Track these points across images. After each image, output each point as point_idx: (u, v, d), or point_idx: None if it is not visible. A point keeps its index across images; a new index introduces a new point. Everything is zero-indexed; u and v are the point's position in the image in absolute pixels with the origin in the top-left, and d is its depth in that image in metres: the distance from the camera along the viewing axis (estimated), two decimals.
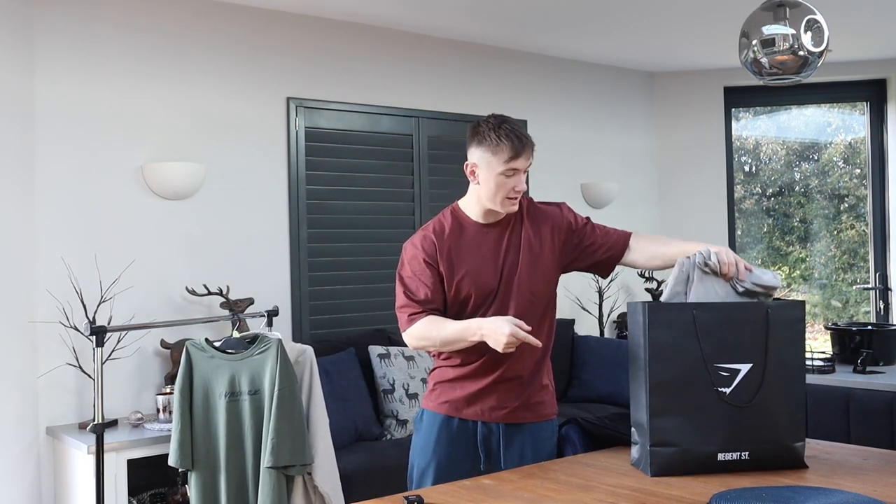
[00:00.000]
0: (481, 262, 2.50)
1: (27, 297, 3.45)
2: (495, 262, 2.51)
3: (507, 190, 2.48)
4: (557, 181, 5.34)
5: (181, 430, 2.82)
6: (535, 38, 4.93)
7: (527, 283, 2.49)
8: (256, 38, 4.16)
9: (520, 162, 2.47)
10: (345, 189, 4.40)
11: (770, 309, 2.08)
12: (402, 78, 4.66)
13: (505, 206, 2.50)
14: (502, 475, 2.12)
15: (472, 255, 2.51)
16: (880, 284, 5.73)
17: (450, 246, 2.52)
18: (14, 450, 3.33)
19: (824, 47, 2.79)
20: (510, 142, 2.46)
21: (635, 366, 2.12)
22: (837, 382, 3.88)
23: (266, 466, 2.79)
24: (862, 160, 5.94)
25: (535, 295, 2.50)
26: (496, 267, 2.50)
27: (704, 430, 2.03)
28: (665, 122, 5.93)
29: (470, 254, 2.51)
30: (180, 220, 3.91)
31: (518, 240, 2.53)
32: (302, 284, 4.24)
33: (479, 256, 2.51)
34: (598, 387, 4.71)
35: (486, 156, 2.48)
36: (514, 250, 2.52)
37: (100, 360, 2.94)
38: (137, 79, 3.81)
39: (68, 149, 3.62)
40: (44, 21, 3.58)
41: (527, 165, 2.50)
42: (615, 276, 5.50)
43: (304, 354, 3.03)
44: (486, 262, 2.50)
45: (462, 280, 2.48)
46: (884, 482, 1.94)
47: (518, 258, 2.50)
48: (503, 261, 2.51)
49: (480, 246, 2.53)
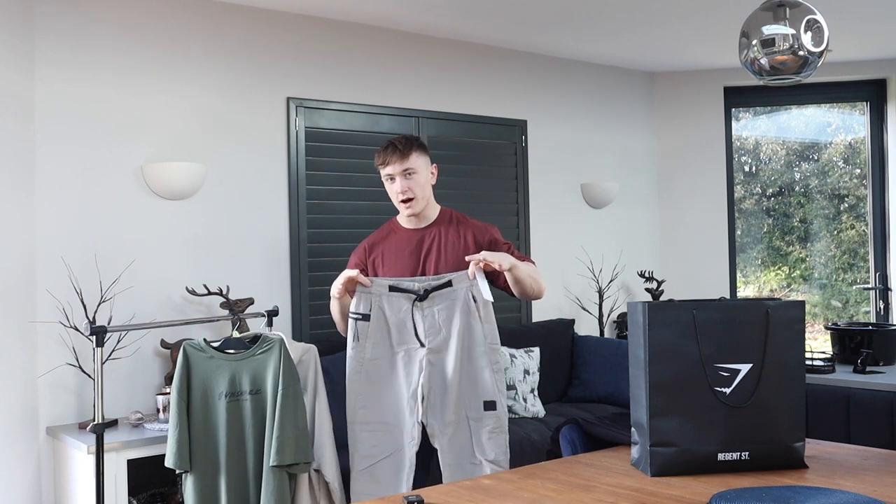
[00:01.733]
0: (401, 263, 2.92)
1: (27, 297, 3.45)
2: (416, 260, 2.92)
3: (394, 193, 2.95)
4: (557, 181, 5.35)
5: (179, 431, 2.81)
6: (535, 38, 4.93)
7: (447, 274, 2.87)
8: (256, 38, 4.16)
9: (389, 168, 2.92)
10: (345, 189, 4.40)
11: (770, 309, 2.08)
12: (402, 78, 4.66)
13: (401, 208, 2.97)
14: (502, 475, 2.12)
15: (395, 256, 2.94)
16: (880, 284, 5.73)
17: (379, 251, 2.98)
18: (14, 450, 3.33)
19: (824, 47, 2.79)
20: (381, 151, 2.94)
21: (635, 366, 2.12)
22: (837, 382, 3.88)
23: (271, 465, 2.79)
24: (862, 160, 5.94)
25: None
26: (416, 264, 2.92)
27: (704, 430, 2.03)
28: (665, 122, 5.93)
29: (393, 256, 2.95)
30: (180, 220, 3.91)
31: (440, 240, 2.94)
32: (302, 284, 4.24)
33: (401, 257, 2.93)
34: (598, 387, 4.71)
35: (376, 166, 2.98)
36: (435, 248, 2.93)
37: (100, 360, 2.94)
38: (137, 78, 3.81)
39: (68, 148, 3.63)
40: (44, 21, 3.58)
41: (400, 170, 2.91)
42: (615, 276, 5.51)
43: (308, 353, 3.05)
44: (405, 261, 2.93)
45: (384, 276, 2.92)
46: (884, 482, 1.94)
47: (439, 255, 2.91)
48: (424, 257, 2.93)
49: (403, 249, 2.96)
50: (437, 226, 2.98)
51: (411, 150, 2.92)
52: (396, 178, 2.92)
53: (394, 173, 2.92)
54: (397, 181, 2.92)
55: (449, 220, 3.00)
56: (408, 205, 2.93)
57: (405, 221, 3.01)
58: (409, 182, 2.91)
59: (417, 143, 2.96)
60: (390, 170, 2.92)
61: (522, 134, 5.16)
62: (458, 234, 2.95)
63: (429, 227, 2.98)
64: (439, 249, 2.92)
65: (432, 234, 2.96)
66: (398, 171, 2.91)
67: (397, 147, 2.91)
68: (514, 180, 5.10)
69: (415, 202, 2.92)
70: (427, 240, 2.95)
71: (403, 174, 2.91)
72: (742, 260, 6.11)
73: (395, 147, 2.91)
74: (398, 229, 3.02)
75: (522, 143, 5.16)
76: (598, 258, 5.49)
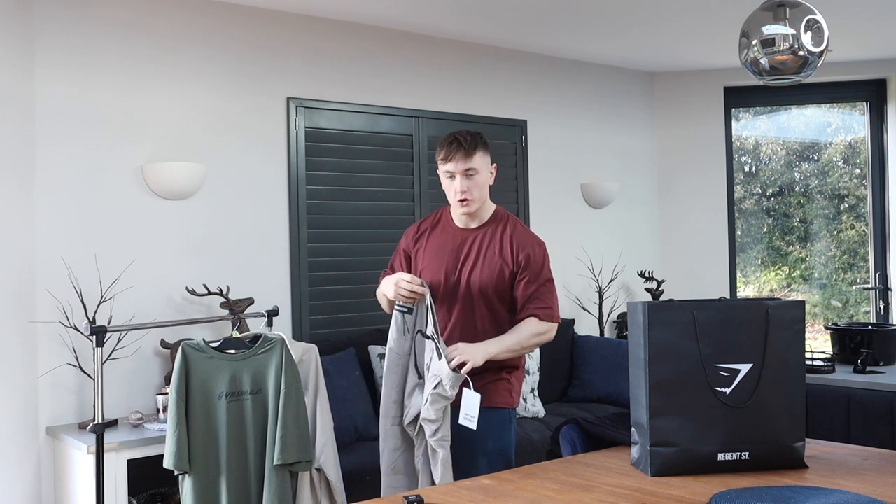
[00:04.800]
0: (440, 261, 2.79)
1: (27, 297, 3.45)
2: (454, 261, 2.79)
3: (451, 192, 2.78)
4: (557, 181, 5.35)
5: (178, 432, 2.79)
6: (535, 38, 4.93)
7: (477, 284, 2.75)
8: (256, 38, 4.16)
9: (451, 165, 2.75)
10: (345, 189, 4.40)
11: (770, 309, 2.08)
12: (402, 78, 4.66)
13: (456, 206, 2.81)
14: (502, 475, 2.12)
15: (436, 252, 2.81)
16: (880, 284, 5.73)
17: (424, 241, 2.86)
18: (14, 450, 3.32)
19: (824, 47, 2.79)
20: (445, 145, 2.77)
21: (635, 366, 2.13)
22: (837, 382, 3.88)
23: (275, 464, 2.79)
24: (862, 160, 5.94)
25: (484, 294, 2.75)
26: (454, 266, 2.78)
27: (704, 430, 2.03)
28: (665, 122, 5.93)
29: (434, 251, 2.82)
30: (180, 220, 3.91)
31: (481, 248, 2.78)
32: (302, 284, 4.24)
33: (442, 255, 2.80)
34: (598, 387, 4.71)
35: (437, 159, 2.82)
36: (473, 256, 2.78)
37: (100, 360, 2.94)
38: (137, 78, 3.81)
39: (68, 148, 3.62)
40: (44, 21, 3.58)
41: (463, 169, 2.73)
42: (615, 276, 5.51)
43: (308, 353, 3.06)
44: (444, 261, 2.79)
45: (422, 272, 2.82)
46: (884, 482, 1.94)
47: (475, 265, 2.76)
48: (461, 262, 2.78)
49: (445, 246, 2.82)
50: (486, 229, 2.82)
51: (476, 149, 2.74)
52: (457, 177, 2.75)
53: (455, 171, 2.74)
54: (457, 179, 2.75)
55: (499, 225, 2.82)
56: (464, 204, 2.76)
57: (457, 218, 2.86)
58: (469, 182, 2.74)
59: (482, 141, 2.79)
60: (451, 167, 2.74)
61: (522, 134, 5.16)
62: (500, 244, 2.78)
63: (477, 230, 2.83)
64: (477, 258, 2.78)
65: (477, 239, 2.80)
66: (460, 169, 2.73)
67: (462, 144, 2.73)
68: (514, 180, 5.10)
69: (471, 203, 2.76)
70: (469, 243, 2.80)
71: (465, 173, 2.73)
72: (742, 260, 6.11)
73: (460, 144, 2.73)
74: (448, 224, 2.87)
75: (522, 143, 5.16)
76: (598, 258, 5.49)
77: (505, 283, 2.75)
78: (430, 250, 2.83)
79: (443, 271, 2.77)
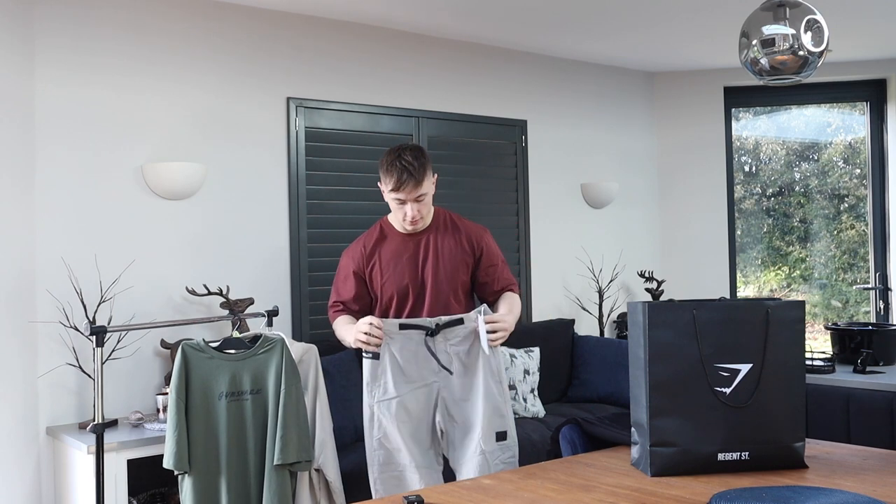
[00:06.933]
0: (401, 269, 2.88)
1: (27, 297, 3.45)
2: (414, 266, 2.89)
3: (401, 214, 2.85)
4: (557, 181, 5.35)
5: (178, 432, 2.80)
6: (534, 38, 4.93)
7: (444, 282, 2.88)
8: (256, 38, 4.16)
9: (401, 195, 2.80)
10: (345, 189, 4.40)
11: (770, 309, 2.08)
12: (402, 78, 4.66)
13: (405, 227, 2.90)
14: (502, 475, 2.12)
15: (394, 263, 2.90)
16: (880, 284, 5.73)
17: (377, 257, 2.92)
18: (14, 450, 3.32)
19: (824, 47, 2.79)
20: (394, 174, 2.79)
21: (635, 366, 2.12)
22: (837, 382, 3.88)
23: (275, 464, 2.79)
24: (862, 160, 5.94)
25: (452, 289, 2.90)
26: (415, 271, 2.89)
27: (704, 430, 2.03)
28: (665, 122, 5.93)
29: (392, 262, 2.90)
30: (180, 220, 3.91)
31: (437, 247, 2.91)
32: (302, 284, 4.24)
33: (400, 264, 2.89)
34: (598, 387, 4.71)
35: (381, 180, 2.87)
36: (432, 256, 2.89)
37: (100, 360, 2.94)
38: (137, 79, 3.81)
39: (68, 149, 3.62)
40: (44, 21, 3.58)
41: (413, 197, 2.80)
42: (615, 276, 5.51)
43: (308, 353, 3.06)
44: (404, 268, 2.89)
45: (384, 285, 2.90)
46: (884, 482, 1.94)
47: (436, 263, 2.89)
48: (421, 264, 2.89)
49: (401, 254, 2.88)
50: (433, 230, 2.93)
51: (424, 174, 2.80)
52: (408, 203, 2.81)
53: (407, 199, 2.80)
54: (408, 206, 2.81)
55: (444, 224, 2.95)
56: (415, 224, 2.86)
57: (401, 228, 2.93)
58: (420, 205, 2.82)
59: (426, 161, 2.84)
60: (403, 196, 2.80)
61: (522, 134, 5.16)
62: (454, 239, 2.92)
63: (424, 233, 2.92)
64: (436, 257, 2.89)
65: (430, 241, 2.91)
66: (412, 197, 2.80)
67: (413, 175, 2.76)
68: (514, 180, 5.10)
69: (422, 221, 2.87)
70: (423, 245, 2.90)
71: (416, 199, 2.81)
72: (742, 260, 6.11)
73: (410, 174, 2.76)
74: (391, 233, 2.95)
75: (522, 143, 5.16)
76: (598, 258, 5.49)
77: (467, 274, 2.94)
78: (386, 263, 2.91)
79: (406, 277, 2.89)
